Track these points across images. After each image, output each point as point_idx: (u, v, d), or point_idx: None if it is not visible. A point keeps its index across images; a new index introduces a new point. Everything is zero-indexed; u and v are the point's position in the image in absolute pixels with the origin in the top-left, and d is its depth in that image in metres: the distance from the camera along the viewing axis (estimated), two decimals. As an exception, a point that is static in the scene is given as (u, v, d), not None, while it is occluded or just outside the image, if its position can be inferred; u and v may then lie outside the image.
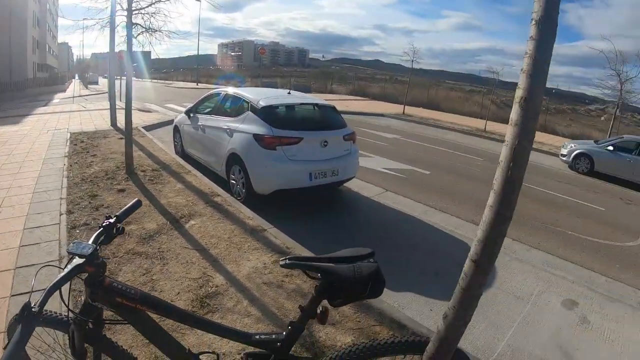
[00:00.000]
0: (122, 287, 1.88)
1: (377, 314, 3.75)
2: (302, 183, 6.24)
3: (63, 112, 17.24)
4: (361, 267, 1.92)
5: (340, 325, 3.59)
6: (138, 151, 9.50)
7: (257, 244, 4.97)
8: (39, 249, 4.88)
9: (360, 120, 19.58)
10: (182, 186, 7.13)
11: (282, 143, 6.16)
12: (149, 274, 4.29)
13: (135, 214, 5.78)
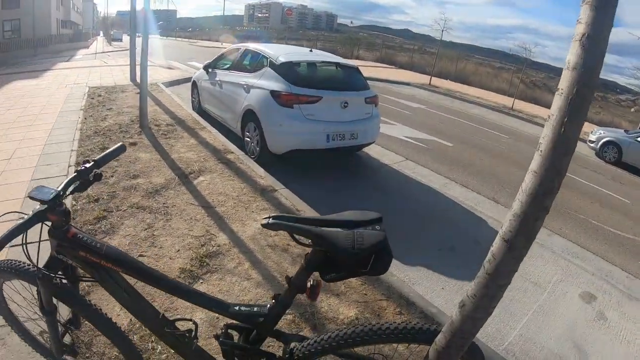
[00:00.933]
0: (87, 240, 1.71)
1: (385, 288, 3.49)
2: (318, 144, 5.94)
3: (84, 67, 17.13)
4: (363, 236, 1.57)
5: (344, 296, 3.35)
6: (155, 106, 9.33)
7: (266, 205, 4.74)
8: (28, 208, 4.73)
9: (385, 88, 19.04)
10: (195, 142, 6.92)
11: (299, 101, 5.86)
12: (151, 229, 4.10)
13: (143, 168, 5.73)
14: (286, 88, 5.93)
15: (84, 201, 4.67)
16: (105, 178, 5.27)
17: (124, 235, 4.02)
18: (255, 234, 4.10)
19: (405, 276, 3.95)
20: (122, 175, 5.38)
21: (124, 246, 3.85)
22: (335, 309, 3.19)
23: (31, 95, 10.76)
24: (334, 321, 3.05)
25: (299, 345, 1.73)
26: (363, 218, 1.69)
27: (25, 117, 8.51)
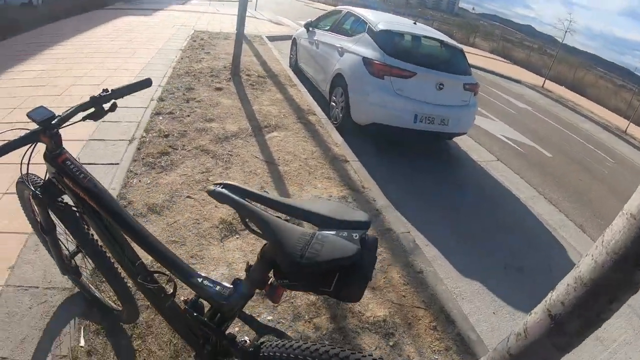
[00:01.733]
0: (74, 169, 1.61)
1: (427, 295, 3.00)
2: (404, 122, 5.47)
3: (196, 12, 17.47)
4: (323, 243, 1.21)
5: (380, 292, 2.93)
6: (252, 57, 9.27)
7: (332, 174, 4.40)
8: (117, 126, 4.82)
9: (493, 81, 17.81)
10: (281, 97, 6.71)
11: (391, 73, 5.41)
12: (208, 173, 3.96)
13: (221, 113, 5.62)
14: (379, 57, 5.50)
15: (155, 135, 4.64)
16: (182, 117, 5.23)
17: (180, 174, 3.90)
18: (310, 201, 3.80)
19: (456, 287, 3.43)
20: (198, 116, 5.30)
21: (178, 184, 3.74)
22: (365, 303, 2.80)
23: (138, 31, 11.16)
24: (358, 317, 2.67)
25: (270, 342, 1.43)
26: (344, 216, 1.33)
27: (126, 49, 8.82)
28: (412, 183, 5.03)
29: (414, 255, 3.35)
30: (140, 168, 3.98)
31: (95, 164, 4.02)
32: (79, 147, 4.31)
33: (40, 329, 2.40)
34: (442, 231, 4.09)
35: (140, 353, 2.31)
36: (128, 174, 3.85)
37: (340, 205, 1.40)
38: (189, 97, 5.97)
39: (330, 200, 1.27)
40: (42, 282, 2.69)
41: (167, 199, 3.51)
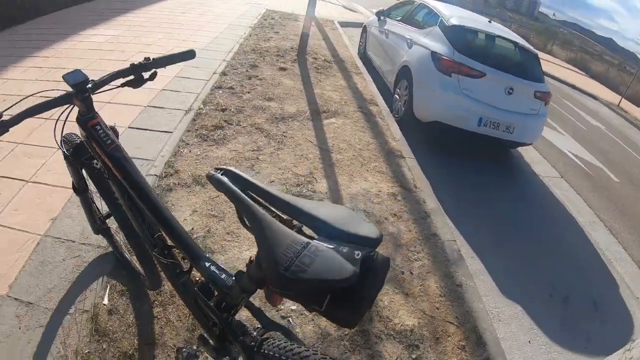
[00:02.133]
0: (102, 134, 1.59)
1: (462, 311, 2.75)
2: (467, 124, 5.17)
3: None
4: (315, 257, 1.08)
5: (412, 299, 2.72)
6: (321, 41, 9.14)
7: (385, 168, 4.20)
8: (177, 96, 4.85)
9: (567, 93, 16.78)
10: (345, 84, 6.54)
11: (460, 71, 5.12)
12: (259, 152, 3.88)
13: (281, 93, 5.54)
14: (449, 53, 5.22)
15: (212, 108, 4.63)
16: (241, 93, 5.20)
17: (231, 149, 3.85)
18: (357, 194, 3.63)
19: (494, 307, 3.14)
20: (258, 94, 5.24)
21: (227, 159, 3.69)
22: (395, 308, 2.62)
23: (210, 5, 11.25)
24: (385, 322, 2.50)
25: (274, 340, 1.33)
26: (349, 228, 1.17)
27: (195, 22, 8.93)
28: (467, 189, 4.71)
29: (457, 266, 3.10)
30: (192, 139, 3.95)
31: (149, 129, 4.04)
32: (137, 111, 4.36)
33: (69, 281, 2.46)
34: (490, 245, 3.78)
35: (159, 320, 2.31)
36: (180, 143, 3.84)
37: (350, 214, 1.24)
38: (252, 74, 5.93)
39: (341, 207, 1.12)
40: (79, 237, 2.74)
41: (215, 172, 3.46)
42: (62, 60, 5.65)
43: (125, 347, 2.16)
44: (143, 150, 3.74)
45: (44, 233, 2.79)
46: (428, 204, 3.78)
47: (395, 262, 2.97)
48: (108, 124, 1.68)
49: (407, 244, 3.17)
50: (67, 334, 2.19)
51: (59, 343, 2.16)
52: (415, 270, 2.94)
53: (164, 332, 2.25)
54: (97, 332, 2.20)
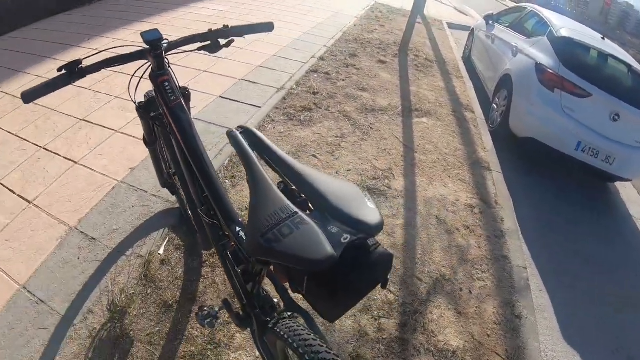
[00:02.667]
0: (168, 90, 1.66)
1: (515, 346, 2.48)
2: (564, 147, 4.77)
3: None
4: (294, 231, 1.01)
5: (465, 320, 2.53)
6: (426, 39, 8.91)
7: (468, 178, 3.99)
8: (271, 73, 4.95)
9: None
10: (443, 85, 6.32)
11: (563, 87, 4.74)
12: (342, 139, 3.85)
13: (376, 85, 5.48)
14: (554, 66, 4.85)
15: (304, 89, 4.66)
16: (336, 79, 5.19)
17: (315, 132, 3.85)
18: (432, 199, 3.48)
19: (551, 350, 2.81)
20: (353, 83, 5.21)
21: (309, 141, 3.70)
22: (443, 324, 2.46)
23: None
24: (428, 335, 2.35)
25: (289, 323, 1.26)
26: (347, 207, 1.10)
27: (302, 6, 9.13)
28: (551, 217, 4.31)
29: (520, 295, 2.84)
30: (279, 116, 4.00)
31: (239, 101, 4.15)
32: (230, 83, 4.51)
33: (132, 227, 2.64)
34: (563, 281, 3.43)
35: (205, 280, 2.39)
36: (265, 119, 3.90)
37: (355, 194, 1.16)
38: (350, 63, 5.90)
39: (349, 184, 1.22)
40: (151, 189, 2.91)
41: (293, 151, 3.48)
42: (169, 28, 5.96)
43: (167, 297, 2.26)
44: (229, 119, 3.84)
45: (121, 179, 3.00)
46: (506, 223, 3.53)
47: (457, 277, 2.80)
48: (181, 85, 1.78)
49: (473, 260, 2.99)
50: (119, 273, 2.35)
51: (109, 279, 2.32)
52: (475, 290, 2.76)
53: (206, 292, 2.33)
54: (145, 278, 2.34)
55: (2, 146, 3.44)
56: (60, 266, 2.40)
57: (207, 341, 2.10)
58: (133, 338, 2.07)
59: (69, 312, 2.16)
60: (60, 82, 1.45)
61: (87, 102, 4.10)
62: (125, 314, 2.16)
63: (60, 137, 3.53)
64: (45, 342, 2.03)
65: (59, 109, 3.96)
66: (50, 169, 3.16)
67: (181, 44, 1.71)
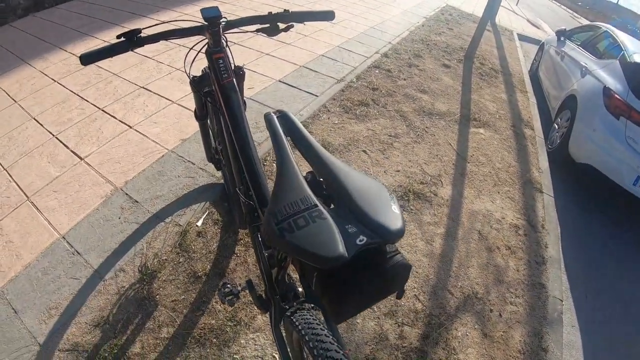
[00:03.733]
0: (222, 68, 1.68)
1: None
2: (621, 179, 4.49)
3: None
4: (310, 224, 1.00)
5: (490, 343, 2.47)
6: (494, 49, 8.67)
7: (518, 197, 3.88)
8: (332, 64, 5.09)
9: None
10: (505, 98, 6.14)
11: (630, 116, 4.48)
12: (395, 138, 3.83)
13: (437, 89, 5.42)
14: (622, 93, 4.60)
15: (363, 84, 4.65)
16: (397, 78, 5.15)
17: (369, 128, 3.84)
18: (477, 212, 3.41)
19: None
20: (413, 83, 5.15)
21: (361, 136, 3.69)
22: (466, 343, 2.40)
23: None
24: (449, 352, 2.31)
25: (307, 315, 1.24)
26: (369, 210, 1.05)
27: (372, 2, 9.09)
28: (597, 251, 4.10)
29: (551, 327, 2.74)
30: (335, 107, 4.00)
31: (297, 88, 4.17)
32: (291, 69, 4.55)
33: (175, 196, 2.74)
34: (598, 323, 3.27)
35: (237, 258, 2.45)
36: (321, 108, 3.91)
37: (380, 195, 1.11)
38: (413, 63, 5.83)
39: (377, 183, 1.15)
40: (199, 162, 2.97)
41: (344, 144, 3.48)
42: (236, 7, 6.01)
43: (198, 268, 2.34)
44: (284, 104, 3.87)
45: (171, 149, 3.09)
46: (549, 250, 3.40)
47: (489, 297, 2.74)
48: (236, 64, 1.81)
49: (509, 283, 2.91)
50: (155, 238, 2.45)
51: (145, 242, 2.42)
52: (505, 314, 2.69)
53: (236, 269, 2.39)
54: (180, 246, 2.42)
55: (63, 103, 3.61)
56: (100, 223, 2.50)
57: (228, 317, 2.16)
58: (158, 302, 2.17)
59: (102, 268, 2.28)
60: (119, 48, 1.50)
61: (149, 71, 4.22)
62: (154, 277, 2.26)
63: (119, 101, 3.66)
64: (75, 292, 2.15)
65: (121, 74, 4.11)
66: (105, 130, 3.28)
67: (240, 23, 1.72)
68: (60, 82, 3.96)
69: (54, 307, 2.07)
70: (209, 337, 2.07)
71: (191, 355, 1.99)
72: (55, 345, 1.93)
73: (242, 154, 1.61)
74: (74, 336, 1.97)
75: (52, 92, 3.79)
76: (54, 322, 2.01)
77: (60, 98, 3.70)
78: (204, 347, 2.03)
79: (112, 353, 1.92)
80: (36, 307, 2.07)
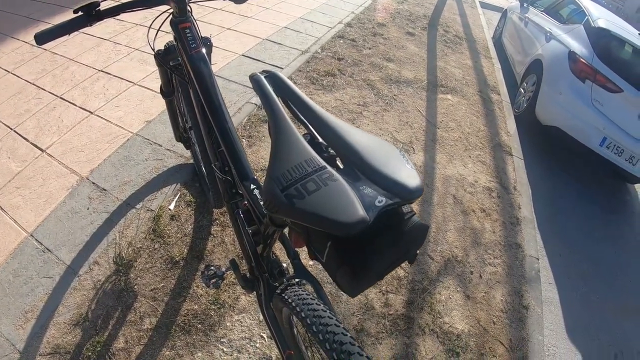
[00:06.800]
0: (189, 38, 1.56)
1: (519, 336, 2.44)
2: (588, 140, 4.59)
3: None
4: (321, 188, 0.89)
5: (472, 305, 2.48)
6: (457, 16, 8.62)
7: (489, 160, 3.88)
8: (296, 35, 4.91)
9: None
10: (471, 64, 6.12)
11: (595, 79, 4.56)
12: (363, 107, 3.76)
13: (400, 57, 5.32)
14: (588, 57, 4.66)
15: (329, 54, 4.54)
16: (362, 47, 5.06)
17: (336, 98, 3.75)
18: (451, 177, 3.39)
19: (553, 345, 2.78)
20: (379, 52, 5.06)
21: (330, 107, 3.61)
22: (450, 306, 2.41)
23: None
24: (434, 316, 2.31)
25: (297, 291, 1.17)
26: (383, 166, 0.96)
27: None
28: (568, 211, 4.23)
29: (530, 286, 2.78)
30: (301, 79, 3.91)
31: (261, 61, 4.06)
32: (254, 42, 4.43)
33: (144, 180, 2.61)
34: (573, 279, 3.38)
35: (214, 239, 2.36)
36: (288, 81, 3.79)
37: (390, 151, 1.02)
38: (378, 32, 5.73)
39: (384, 141, 1.05)
40: (166, 143, 2.85)
41: (313, 115, 3.39)
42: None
43: (174, 253, 2.24)
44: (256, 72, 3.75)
45: (136, 132, 2.95)
46: (522, 211, 3.44)
47: (468, 260, 2.75)
48: (202, 35, 1.67)
49: (486, 244, 2.92)
50: (128, 226, 2.33)
51: (117, 232, 2.30)
52: (486, 275, 2.70)
53: (214, 251, 2.31)
54: (154, 232, 2.31)
55: (19, 94, 3.40)
56: (69, 216, 2.37)
57: (211, 301, 2.08)
58: (137, 292, 2.07)
59: (75, 263, 2.15)
60: (76, 24, 1.37)
61: (107, 53, 4.03)
62: (130, 267, 2.16)
63: (78, 87, 3.48)
64: (49, 291, 2.03)
65: (77, 59, 3.90)
66: (65, 118, 3.11)
67: None
68: (15, 72, 3.72)
69: (30, 310, 1.95)
70: (194, 323, 1.99)
71: (177, 344, 1.91)
72: (35, 350, 1.82)
73: (218, 126, 1.49)
74: (54, 338, 1.86)
75: (7, 83, 3.56)
76: (31, 326, 1.89)
77: (16, 89, 3.48)
78: (189, 334, 1.95)
79: (96, 351, 1.83)
80: (11, 313, 1.93)
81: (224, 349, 1.94)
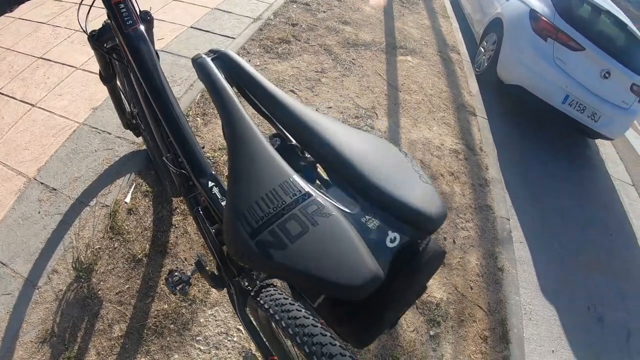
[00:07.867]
0: (125, 14, 1.35)
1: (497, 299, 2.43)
2: (551, 98, 4.59)
3: None
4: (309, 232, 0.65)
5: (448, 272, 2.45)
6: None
7: (453, 122, 3.80)
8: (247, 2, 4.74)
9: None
10: (429, 24, 5.97)
11: (557, 38, 4.52)
12: (322, 73, 3.58)
13: (359, 19, 5.10)
14: (549, 15, 4.60)
15: (282, 20, 4.31)
16: (317, 11, 4.82)
17: (293, 66, 3.56)
18: (417, 141, 3.29)
19: (529, 303, 2.81)
20: (334, 15, 4.85)
21: (287, 75, 3.42)
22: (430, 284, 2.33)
23: None
24: None
25: (275, 289, 1.00)
26: (394, 188, 0.70)
27: None
28: (534, 168, 4.26)
29: (503, 247, 2.76)
30: (255, 48, 3.68)
31: (212, 32, 3.82)
32: (202, 12, 4.17)
33: (96, 173, 2.39)
34: (542, 235, 3.39)
35: (176, 230, 2.20)
36: (240, 51, 3.58)
37: (394, 157, 0.77)
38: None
39: (384, 142, 0.74)
40: (116, 131, 2.64)
41: (269, 86, 3.20)
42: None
43: (136, 250, 2.06)
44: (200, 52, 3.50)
45: (83, 121, 2.72)
46: (490, 172, 3.40)
47: (441, 227, 2.65)
48: (142, 9, 1.48)
49: (457, 208, 2.86)
50: (83, 226, 2.13)
51: (73, 234, 2.10)
52: (459, 240, 2.65)
53: (178, 243, 2.13)
54: (112, 230, 2.12)
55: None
56: (19, 223, 2.14)
57: (181, 298, 1.93)
58: (102, 298, 1.90)
59: (32, 274, 1.96)
60: None
61: (46, 38, 3.69)
62: (91, 271, 1.98)
63: (16, 79, 3.17)
64: (10, 309, 1.83)
65: (14, 47, 3.56)
66: (5, 114, 2.82)
67: None
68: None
69: (-7, 333, 1.75)
70: (166, 324, 1.85)
71: (152, 349, 1.77)
72: (4, 376, 1.63)
73: (164, 115, 1.29)
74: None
75: None
76: (-3, 351, 1.70)
77: (-52, 90, 3.17)
78: (162, 336, 1.81)
79: (68, 368, 1.65)
80: (-27, 341, 1.73)
81: (201, 347, 1.82)
